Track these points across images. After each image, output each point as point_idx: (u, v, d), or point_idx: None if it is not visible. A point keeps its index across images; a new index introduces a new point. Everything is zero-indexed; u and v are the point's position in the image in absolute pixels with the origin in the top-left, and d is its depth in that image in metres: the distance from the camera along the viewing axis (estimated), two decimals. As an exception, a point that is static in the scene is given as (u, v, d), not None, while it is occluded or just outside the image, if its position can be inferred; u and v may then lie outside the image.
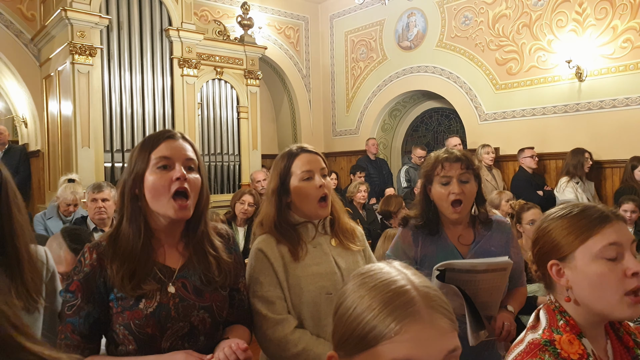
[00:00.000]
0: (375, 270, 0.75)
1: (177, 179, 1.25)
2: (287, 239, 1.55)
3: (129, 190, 1.29)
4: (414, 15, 6.87)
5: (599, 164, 5.12)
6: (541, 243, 1.10)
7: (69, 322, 1.24)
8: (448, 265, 1.52)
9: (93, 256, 1.27)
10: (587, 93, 5.21)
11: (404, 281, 0.72)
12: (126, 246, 1.27)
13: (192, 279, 1.32)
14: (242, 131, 6.44)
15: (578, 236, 1.03)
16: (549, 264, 1.08)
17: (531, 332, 1.07)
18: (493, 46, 6.00)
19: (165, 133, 1.32)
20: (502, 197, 3.98)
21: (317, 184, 1.56)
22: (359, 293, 0.73)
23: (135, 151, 1.32)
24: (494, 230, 1.81)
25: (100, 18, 5.11)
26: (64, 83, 5.29)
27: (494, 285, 1.57)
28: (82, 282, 1.25)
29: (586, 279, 1.02)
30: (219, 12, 7.05)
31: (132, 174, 1.28)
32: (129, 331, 1.23)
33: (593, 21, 5.13)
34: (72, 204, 4.02)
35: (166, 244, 1.33)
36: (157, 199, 1.26)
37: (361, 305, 0.71)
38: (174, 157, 1.27)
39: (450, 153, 1.77)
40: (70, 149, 5.13)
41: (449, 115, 7.09)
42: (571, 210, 1.08)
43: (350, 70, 7.83)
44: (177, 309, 1.26)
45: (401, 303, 0.69)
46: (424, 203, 1.81)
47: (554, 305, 1.08)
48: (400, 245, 1.82)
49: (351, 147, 7.69)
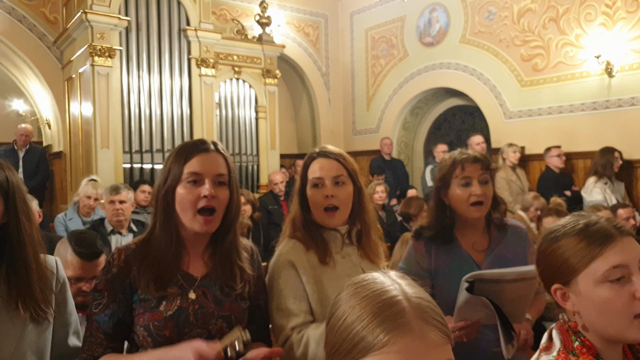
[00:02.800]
0: (368, 280, 0.74)
1: (204, 196, 1.28)
2: (315, 244, 1.51)
3: (162, 198, 1.32)
4: (435, 11, 6.72)
5: (630, 163, 4.92)
6: (543, 266, 1.05)
7: (95, 319, 1.28)
8: (477, 276, 1.46)
9: (122, 257, 1.31)
10: (617, 89, 5.02)
11: (396, 292, 0.70)
12: (157, 252, 1.31)
13: (213, 288, 1.34)
14: (260, 131, 6.41)
15: (579, 260, 0.96)
16: (553, 289, 1.02)
17: (545, 353, 1.01)
18: (518, 42, 5.83)
19: (200, 145, 1.33)
20: (535, 203, 3.81)
21: (324, 193, 1.50)
22: (351, 303, 0.71)
23: (170, 159, 1.34)
24: (509, 236, 1.74)
25: (120, 20, 5.15)
26: (84, 85, 5.36)
27: (521, 295, 1.52)
28: (109, 281, 1.29)
29: (592, 305, 0.96)
30: (237, 11, 7.03)
31: (166, 184, 1.32)
32: (147, 332, 1.26)
33: (624, 14, 4.93)
34: (93, 198, 4.06)
35: (192, 252, 1.36)
36: (185, 213, 1.30)
37: (352, 315, 0.70)
38: (204, 172, 1.30)
39: (467, 154, 1.71)
40: (90, 151, 5.20)
41: (473, 113, 6.91)
42: (572, 228, 1.00)
43: (370, 67, 7.72)
44: (196, 315, 1.29)
45: (391, 314, 0.67)
46: (438, 209, 1.74)
47: (567, 325, 1.02)
48: (413, 257, 1.76)
49: (371, 146, 7.58)
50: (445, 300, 1.64)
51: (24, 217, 1.24)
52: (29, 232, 1.25)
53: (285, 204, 5.33)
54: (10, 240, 1.22)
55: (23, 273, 1.23)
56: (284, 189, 5.45)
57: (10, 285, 1.21)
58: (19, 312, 1.21)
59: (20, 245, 1.23)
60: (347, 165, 1.55)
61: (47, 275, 1.30)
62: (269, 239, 4.40)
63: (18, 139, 5.79)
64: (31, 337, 1.25)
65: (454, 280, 1.62)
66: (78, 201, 4.15)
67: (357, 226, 1.58)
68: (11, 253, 1.23)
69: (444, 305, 1.60)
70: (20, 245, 1.23)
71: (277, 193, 5.38)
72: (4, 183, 1.22)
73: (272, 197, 5.36)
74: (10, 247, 1.23)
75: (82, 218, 4.12)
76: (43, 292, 1.27)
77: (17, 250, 1.23)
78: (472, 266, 1.68)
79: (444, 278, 1.69)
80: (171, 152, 1.37)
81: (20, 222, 1.23)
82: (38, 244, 1.29)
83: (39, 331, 1.27)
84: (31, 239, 1.25)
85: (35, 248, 1.27)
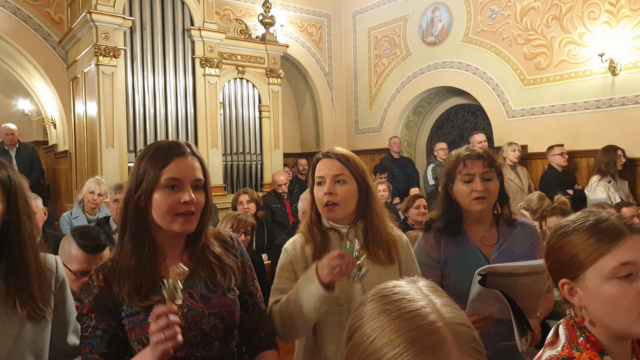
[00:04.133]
0: (398, 294, 0.67)
1: (184, 202, 1.26)
2: (314, 241, 1.57)
3: (134, 202, 1.28)
4: (438, 10, 6.72)
5: (633, 161, 4.91)
6: (551, 260, 1.05)
7: (87, 342, 1.25)
8: (490, 269, 1.47)
9: (100, 277, 1.28)
10: (621, 87, 5.01)
11: (433, 315, 0.64)
12: (130, 259, 1.27)
13: (199, 287, 1.32)
14: (264, 130, 6.44)
15: (588, 256, 0.97)
16: (560, 283, 1.03)
17: (549, 348, 1.02)
18: (521, 40, 5.82)
19: (177, 150, 1.29)
20: (542, 205, 3.77)
21: (323, 191, 1.55)
22: (380, 322, 0.65)
23: (142, 162, 1.29)
24: (518, 232, 1.77)
25: (124, 19, 5.18)
26: (89, 84, 5.39)
27: (535, 289, 1.53)
28: (92, 304, 1.26)
29: (599, 301, 0.96)
30: (241, 11, 7.06)
31: (140, 188, 1.27)
32: (143, 346, 1.23)
33: (627, 12, 4.92)
34: (96, 193, 4.09)
35: (170, 255, 1.34)
36: (162, 217, 1.27)
37: (382, 338, 0.63)
38: (183, 178, 1.27)
39: (471, 150, 1.75)
40: (95, 150, 5.24)
41: (475, 112, 6.92)
42: (582, 223, 1.01)
43: (373, 66, 7.73)
44: (187, 319, 1.26)
45: (430, 344, 0.61)
46: (445, 202, 1.79)
47: (573, 320, 1.03)
48: (423, 248, 1.81)
49: (374, 145, 7.59)
50: (454, 290, 1.66)
51: (24, 215, 1.23)
52: (29, 231, 1.24)
53: (289, 203, 5.35)
54: (11, 239, 1.22)
55: (22, 271, 1.22)
56: (286, 189, 5.48)
57: (8, 283, 1.21)
58: (16, 310, 1.20)
59: (20, 244, 1.22)
60: (350, 165, 1.56)
61: (46, 274, 1.30)
62: (272, 237, 4.41)
63: (4, 139, 5.76)
64: (29, 336, 1.24)
65: (462, 271, 1.65)
66: (83, 199, 4.19)
67: (359, 224, 1.60)
68: (11, 251, 1.22)
69: (453, 295, 1.62)
70: (20, 244, 1.22)
71: (280, 192, 5.40)
72: (7, 182, 1.21)
73: (276, 196, 5.38)
74: (10, 245, 1.22)
75: (88, 216, 4.16)
76: (41, 290, 1.26)
77: (16, 248, 1.22)
78: (481, 259, 1.71)
79: (453, 269, 1.73)
80: (141, 153, 1.32)
81: (21, 221, 1.22)
82: (38, 242, 1.28)
83: (36, 330, 1.26)
84: (31, 238, 1.25)
85: (35, 247, 1.26)
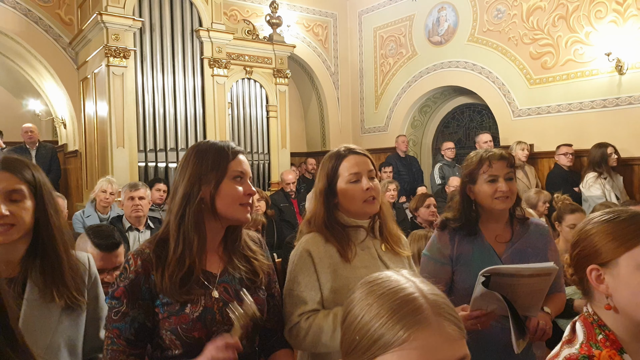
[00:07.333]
0: (382, 278, 0.76)
1: (248, 194, 1.35)
2: (336, 239, 1.55)
3: (195, 196, 1.29)
4: (444, 10, 6.74)
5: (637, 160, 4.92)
6: (582, 246, 1.06)
7: (116, 327, 1.25)
8: (494, 270, 1.49)
9: (138, 262, 1.27)
10: (628, 87, 5.01)
11: (412, 289, 0.72)
12: (181, 249, 1.28)
13: (233, 282, 1.35)
14: (271, 130, 6.49)
15: (624, 242, 0.98)
16: (589, 269, 1.03)
17: (567, 346, 1.02)
18: (527, 40, 5.83)
19: (238, 147, 1.40)
20: (540, 197, 3.82)
21: (364, 187, 1.55)
22: (367, 301, 0.73)
23: (204, 158, 1.32)
24: (531, 232, 1.80)
25: (134, 21, 5.24)
26: (99, 85, 5.45)
27: (536, 289, 1.55)
28: (127, 288, 1.26)
29: (628, 288, 0.97)
30: (248, 12, 7.10)
31: (204, 180, 1.30)
32: (176, 336, 1.25)
33: (635, 11, 4.92)
34: (108, 192, 4.15)
35: (209, 248, 1.35)
36: (231, 205, 1.32)
37: (369, 314, 0.71)
38: (244, 172, 1.37)
39: (494, 152, 1.79)
40: (105, 149, 5.30)
41: (481, 111, 6.94)
42: (619, 214, 1.03)
43: (379, 66, 7.76)
44: (222, 313, 1.29)
45: (409, 310, 0.68)
46: (464, 203, 1.81)
47: (592, 317, 1.03)
48: (436, 245, 1.83)
49: (380, 144, 7.62)
50: (464, 285, 1.70)
51: (51, 210, 1.29)
52: (58, 225, 1.30)
53: (296, 202, 5.40)
54: (41, 234, 1.28)
55: (55, 262, 1.28)
56: (294, 188, 5.53)
57: (45, 276, 1.27)
58: (54, 301, 1.26)
59: (50, 237, 1.28)
60: (372, 161, 1.63)
61: (78, 265, 1.36)
62: (282, 236, 4.46)
63: (24, 137, 5.87)
64: (65, 328, 1.29)
65: (473, 267, 1.67)
66: (95, 198, 4.24)
67: (377, 220, 1.64)
68: (43, 246, 1.28)
69: (463, 291, 1.68)
70: (50, 237, 1.28)
71: (288, 191, 5.45)
72: (32, 182, 1.26)
73: (283, 195, 5.42)
74: (42, 240, 1.28)
75: (100, 215, 4.21)
76: (75, 280, 1.32)
77: (48, 242, 1.28)
78: (493, 256, 1.74)
79: (465, 265, 1.76)
80: (191, 153, 1.35)
81: (49, 215, 1.28)
82: (67, 236, 1.34)
83: (72, 321, 1.31)
84: (60, 232, 1.31)
85: (65, 239, 1.32)
